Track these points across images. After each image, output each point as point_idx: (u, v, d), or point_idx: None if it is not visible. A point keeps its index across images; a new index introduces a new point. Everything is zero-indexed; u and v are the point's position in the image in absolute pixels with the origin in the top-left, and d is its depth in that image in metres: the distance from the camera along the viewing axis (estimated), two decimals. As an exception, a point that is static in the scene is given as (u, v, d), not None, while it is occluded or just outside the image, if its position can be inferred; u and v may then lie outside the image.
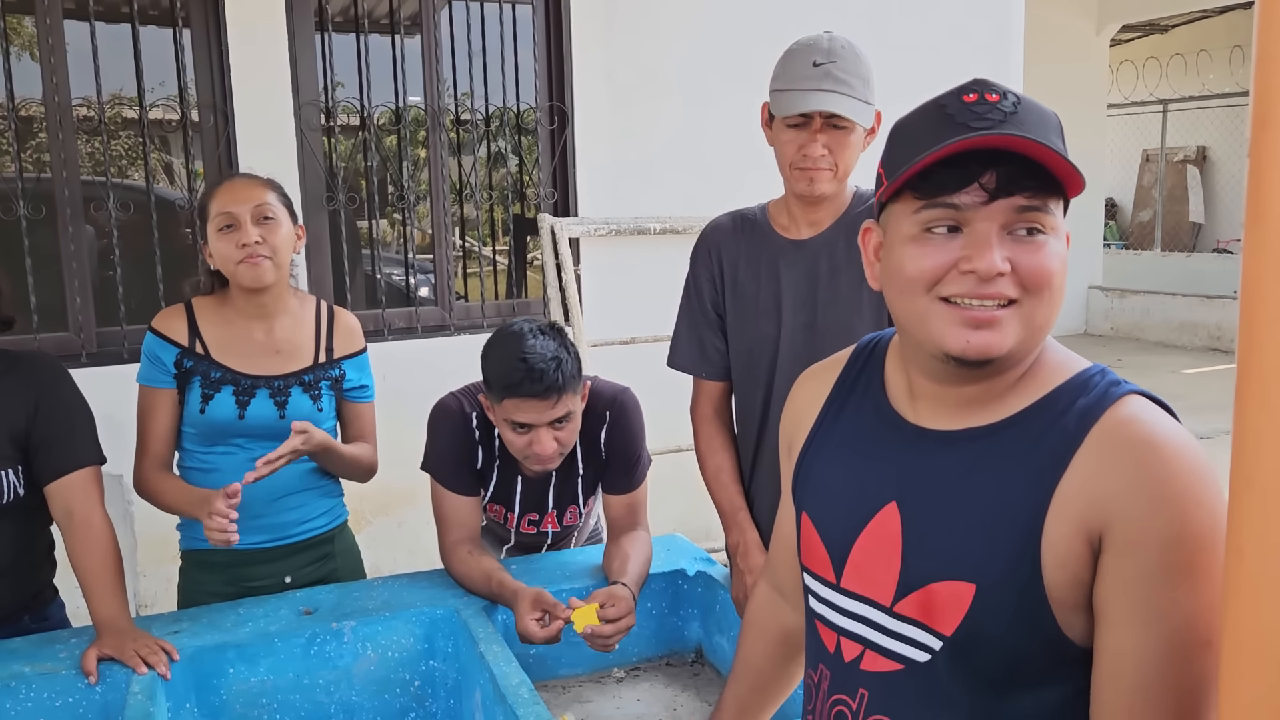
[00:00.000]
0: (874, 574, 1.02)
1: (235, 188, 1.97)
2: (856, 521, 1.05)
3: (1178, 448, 0.90)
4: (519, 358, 1.82)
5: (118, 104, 3.55)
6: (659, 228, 4.09)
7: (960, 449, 0.99)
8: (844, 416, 1.11)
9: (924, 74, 4.45)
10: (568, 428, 1.90)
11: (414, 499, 3.60)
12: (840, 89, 1.73)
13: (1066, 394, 0.95)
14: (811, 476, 1.13)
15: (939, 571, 0.97)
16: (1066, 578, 0.91)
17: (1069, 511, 0.91)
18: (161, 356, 2.00)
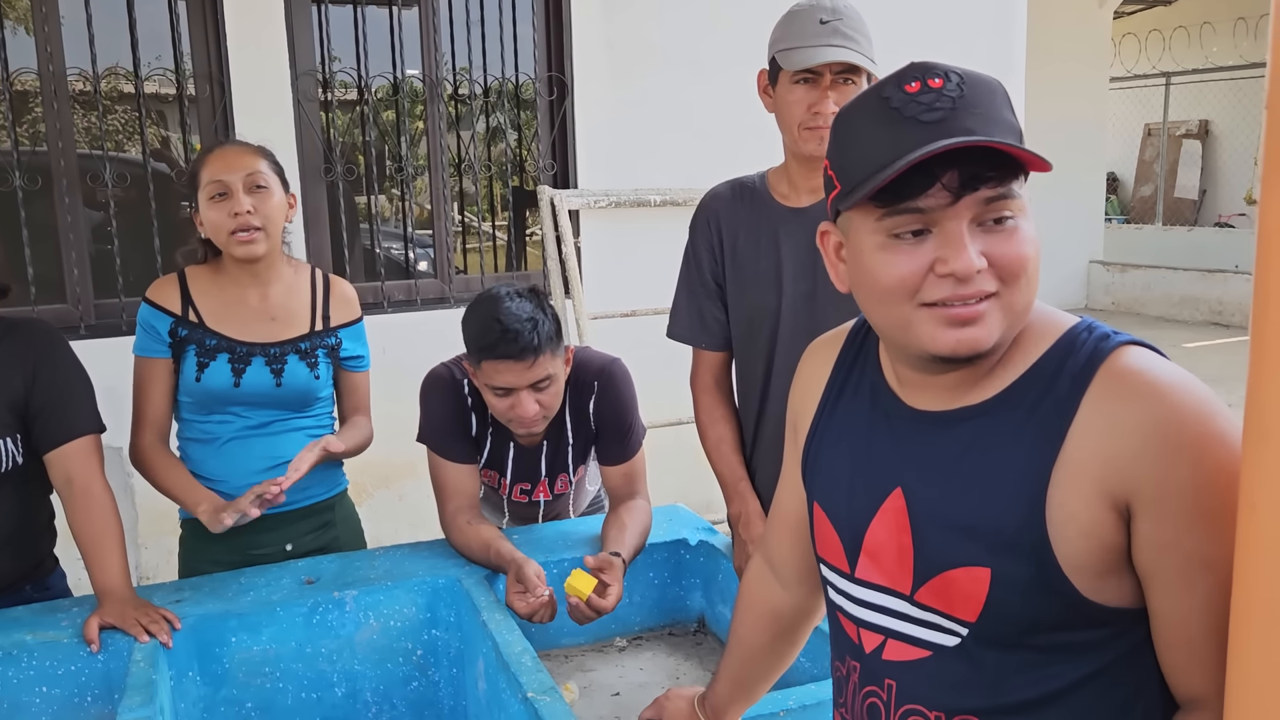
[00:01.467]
0: (888, 563, 1.01)
1: (227, 155, 1.96)
2: (866, 510, 1.03)
3: (1181, 389, 0.88)
4: (494, 318, 1.83)
5: (114, 77, 3.52)
6: (659, 199, 4.07)
7: (956, 429, 0.97)
8: (843, 401, 1.10)
9: (926, 48, 4.43)
10: (549, 390, 1.89)
11: (414, 471, 3.59)
12: (850, 45, 1.72)
13: (1054, 359, 0.93)
14: (820, 466, 1.11)
15: (952, 558, 0.95)
16: (1092, 545, 0.89)
17: (1082, 478, 0.89)
18: (156, 326, 1.99)
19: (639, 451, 2.09)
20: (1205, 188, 12.25)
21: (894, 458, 1.01)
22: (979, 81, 0.92)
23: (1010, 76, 4.77)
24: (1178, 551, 0.87)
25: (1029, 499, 0.91)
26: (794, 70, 1.74)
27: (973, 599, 0.94)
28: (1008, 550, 0.92)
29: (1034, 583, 0.91)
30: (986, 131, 0.88)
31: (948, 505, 0.96)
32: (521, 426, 1.92)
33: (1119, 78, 11.32)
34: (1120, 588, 0.91)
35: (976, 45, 4.65)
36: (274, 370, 2.02)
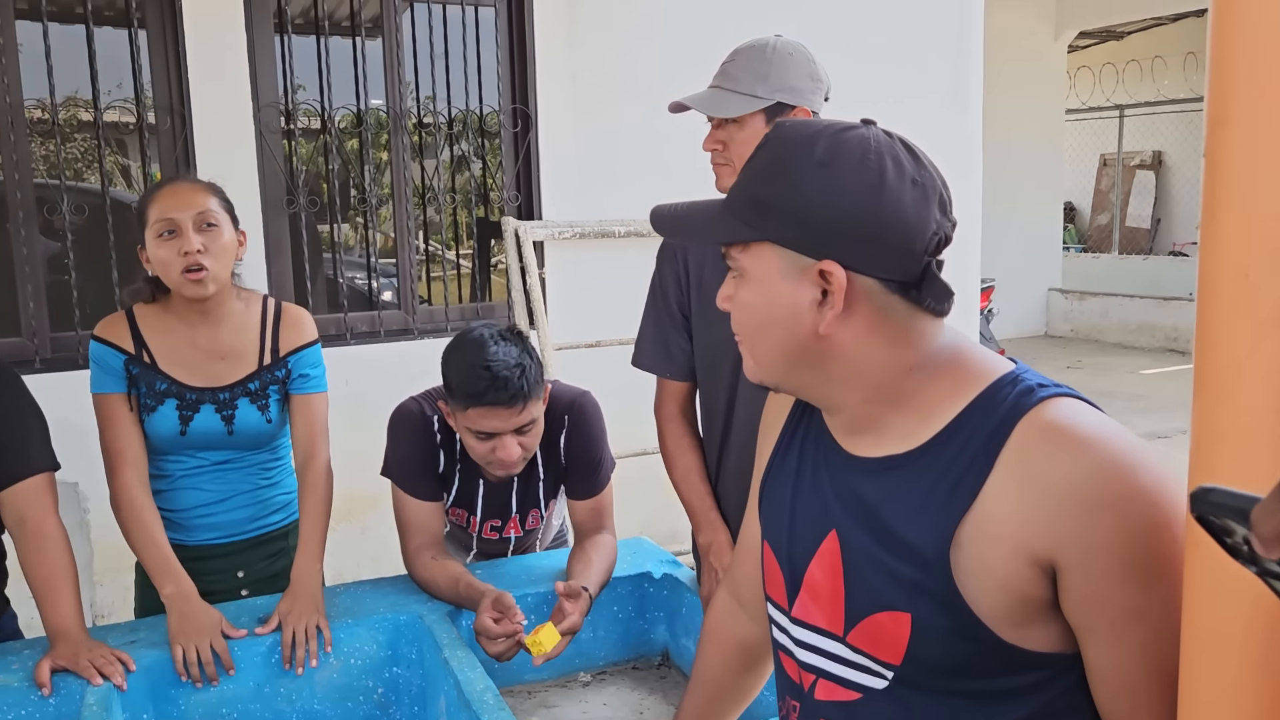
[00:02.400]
0: (824, 604, 1.02)
1: (177, 192, 1.92)
2: (805, 551, 1.04)
3: (1101, 444, 0.87)
4: (483, 365, 1.79)
5: (73, 106, 3.49)
6: (623, 230, 4.09)
7: (882, 477, 0.98)
8: (795, 441, 1.11)
9: (884, 78, 4.52)
10: (531, 433, 1.89)
11: (377, 505, 3.55)
12: (723, 83, 1.78)
13: (976, 411, 0.93)
14: (769, 503, 1.12)
15: (878, 601, 0.96)
16: (1010, 599, 0.89)
17: (999, 534, 0.89)
18: (111, 362, 1.95)
19: (608, 486, 2.08)
20: (1159, 217, 12.51)
21: (831, 501, 1.02)
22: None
23: (968, 109, 4.86)
24: (1108, 605, 0.87)
25: (937, 552, 0.91)
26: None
27: (896, 643, 0.95)
28: (924, 597, 0.93)
29: (952, 630, 0.92)
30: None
31: (873, 550, 0.97)
32: (502, 469, 1.90)
33: (1074, 110, 11.55)
34: (1047, 635, 0.91)
35: (935, 79, 4.73)
36: (224, 417, 1.99)
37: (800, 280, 0.93)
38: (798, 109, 1.77)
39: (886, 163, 0.92)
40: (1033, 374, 0.96)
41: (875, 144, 0.93)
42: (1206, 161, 0.71)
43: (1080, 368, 8.73)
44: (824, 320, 0.93)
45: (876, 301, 0.93)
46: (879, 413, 0.98)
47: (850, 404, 0.99)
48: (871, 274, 0.92)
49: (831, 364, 0.96)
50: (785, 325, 0.95)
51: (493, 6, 4.01)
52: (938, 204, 0.93)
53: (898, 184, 0.91)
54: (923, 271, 0.93)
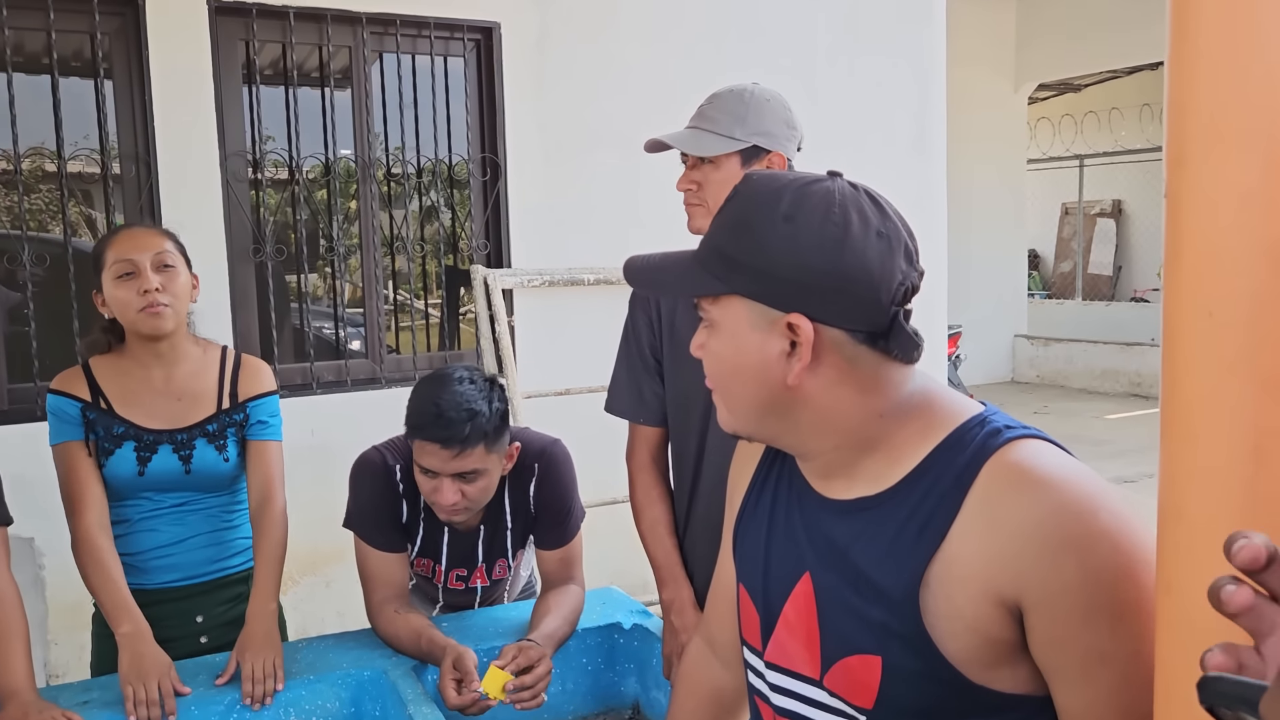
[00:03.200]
0: (796, 648, 1.01)
1: (134, 235, 1.95)
2: (779, 594, 1.04)
3: (1064, 486, 0.87)
4: (434, 400, 1.79)
5: (37, 156, 3.46)
6: (592, 278, 4.10)
7: (852, 519, 0.98)
8: (769, 483, 1.11)
9: (850, 128, 4.59)
10: (476, 484, 1.85)
11: (342, 557, 3.48)
12: (700, 124, 1.80)
13: (944, 452, 0.94)
14: (744, 546, 1.12)
15: (850, 645, 0.96)
16: (978, 640, 0.89)
17: (965, 575, 0.89)
18: (68, 410, 1.94)
19: (577, 535, 2.06)
20: (1120, 264, 12.73)
21: (804, 543, 1.02)
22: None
23: (931, 160, 4.94)
24: (1074, 647, 0.87)
25: (905, 594, 0.91)
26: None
27: (868, 687, 0.94)
28: (894, 640, 0.92)
29: (922, 672, 0.91)
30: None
31: (844, 593, 0.97)
32: (440, 513, 1.88)
33: (1035, 159, 11.78)
34: (1016, 676, 0.91)
35: (898, 131, 4.81)
36: (182, 457, 1.97)
37: (769, 332, 0.94)
38: (773, 154, 1.79)
39: (851, 216, 0.92)
40: (1001, 416, 0.96)
41: (840, 197, 0.93)
42: (1168, 202, 0.71)
43: (1047, 413, 8.80)
44: (792, 371, 0.94)
45: (845, 352, 0.94)
46: (850, 458, 0.98)
47: (822, 451, 0.99)
48: (838, 325, 0.93)
49: (802, 413, 0.97)
50: (755, 376, 0.96)
51: (461, 57, 4.04)
52: (903, 254, 0.94)
53: (862, 237, 0.92)
54: (890, 322, 0.93)
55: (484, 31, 4.02)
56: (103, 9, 3.40)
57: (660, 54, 4.27)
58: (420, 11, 3.86)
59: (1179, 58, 0.69)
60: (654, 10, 4.29)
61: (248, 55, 3.68)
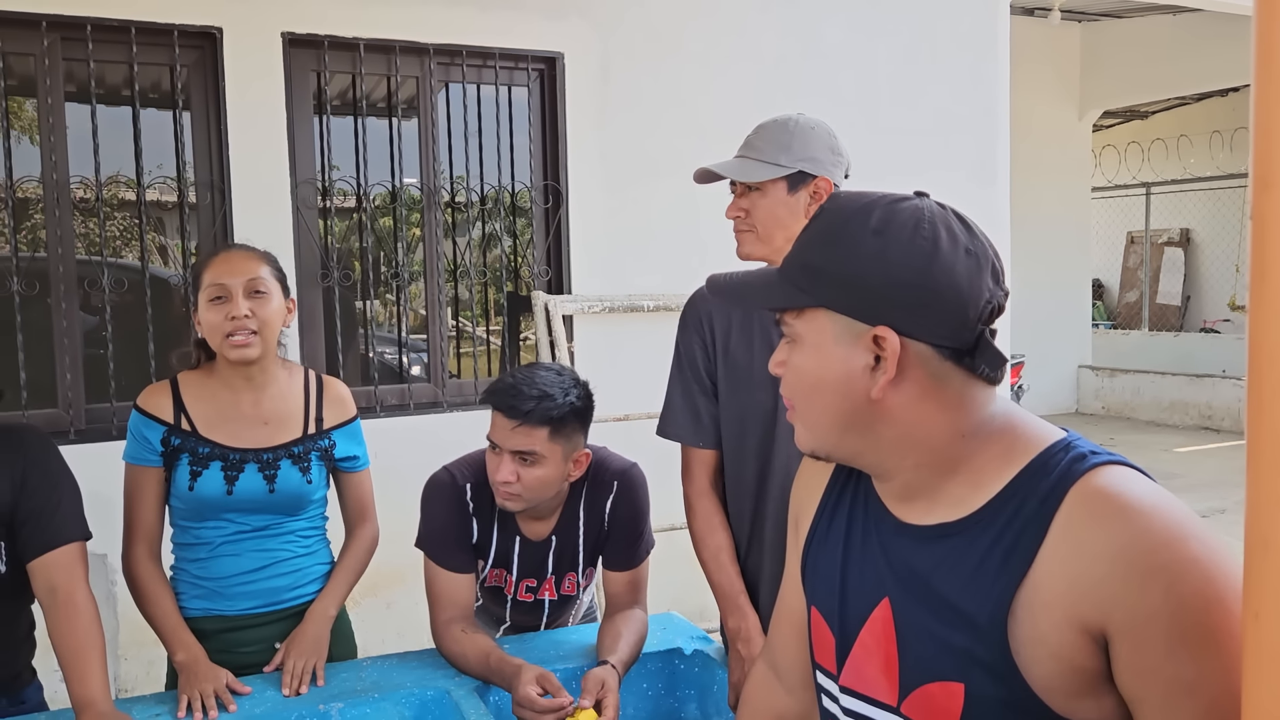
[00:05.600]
0: (873, 673, 1.00)
1: (231, 259, 1.98)
2: (856, 618, 1.03)
3: (1152, 512, 0.86)
4: (513, 374, 1.90)
5: (116, 184, 3.58)
6: (652, 305, 4.11)
7: (934, 545, 0.97)
8: (842, 505, 1.10)
9: (912, 157, 4.56)
10: (533, 471, 1.88)
11: (403, 579, 3.53)
12: (747, 153, 1.84)
13: (1029, 478, 0.93)
14: (817, 569, 1.11)
15: (931, 672, 0.95)
16: (1062, 668, 0.88)
17: (1051, 602, 0.88)
18: (147, 435, 1.98)
19: (645, 561, 2.07)
20: (1189, 294, 12.44)
21: (882, 568, 1.01)
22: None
23: (994, 189, 4.90)
24: (1159, 677, 0.85)
25: (991, 620, 0.90)
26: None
27: (949, 714, 0.93)
28: (978, 668, 0.91)
29: (1005, 701, 0.90)
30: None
31: (925, 619, 0.96)
32: (498, 494, 1.91)
33: (1100, 187, 11.59)
34: (1101, 707, 0.89)
35: (961, 160, 4.78)
36: (266, 476, 2.00)
37: (853, 345, 0.95)
38: (819, 179, 1.81)
39: (940, 232, 0.93)
40: (1085, 442, 0.95)
41: (929, 214, 0.95)
42: (1254, 225, 0.70)
43: (1113, 445, 8.58)
44: (876, 385, 0.94)
45: (930, 368, 0.94)
46: (931, 479, 0.98)
47: (902, 470, 0.99)
48: (925, 340, 0.93)
49: (884, 430, 0.97)
50: (838, 390, 0.96)
51: (525, 86, 4.10)
52: (990, 273, 0.95)
53: (951, 253, 0.93)
54: (976, 339, 0.94)
55: (548, 61, 4.09)
56: (182, 42, 3.52)
57: (722, 83, 4.30)
58: (486, 42, 3.93)
59: (1265, 79, 0.68)
60: (716, 40, 4.33)
61: (318, 86, 3.78)
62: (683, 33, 4.27)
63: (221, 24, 3.53)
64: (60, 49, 3.40)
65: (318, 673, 1.92)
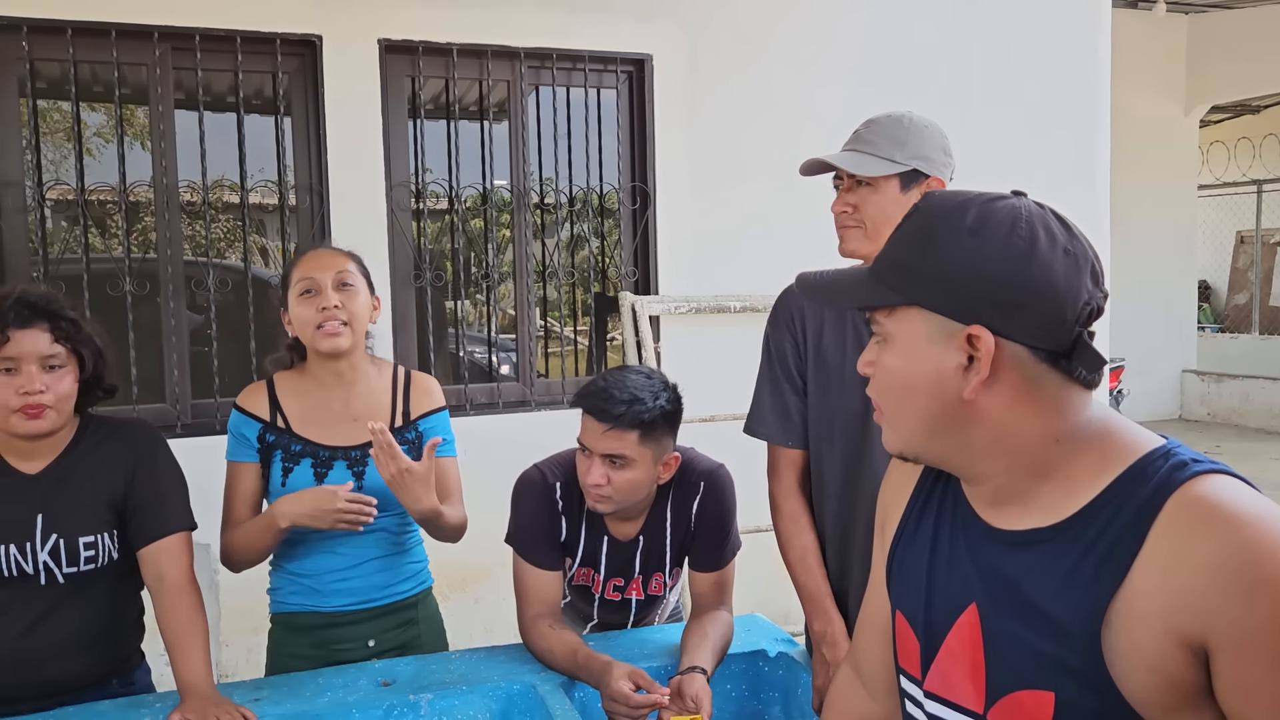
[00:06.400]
0: (959, 679, 0.99)
1: (319, 256, 2.05)
2: (943, 623, 1.02)
3: (1257, 522, 0.83)
4: (604, 378, 1.91)
5: (220, 188, 3.72)
6: (739, 305, 4.11)
7: (1025, 551, 0.95)
8: (929, 508, 1.09)
9: (1007, 156, 4.46)
10: (623, 474, 1.89)
11: (491, 575, 3.60)
12: (859, 147, 1.79)
13: (1125, 485, 0.91)
14: (902, 573, 1.10)
15: (1020, 679, 0.93)
16: (1160, 681, 0.86)
17: (1148, 613, 0.86)
18: (245, 433, 2.05)
19: (731, 563, 2.07)
20: (1295, 296, 11.88)
21: (970, 573, 1.00)
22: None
23: (1094, 188, 4.76)
24: (1264, 694, 0.82)
25: (1084, 630, 0.88)
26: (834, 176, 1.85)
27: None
28: (1069, 677, 0.89)
29: (1098, 711, 0.88)
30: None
31: (1014, 626, 0.94)
32: (588, 497, 1.93)
33: (1208, 185, 11.14)
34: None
35: (1059, 158, 4.65)
36: (355, 473, 2.06)
37: (946, 345, 0.93)
38: (932, 178, 1.77)
39: (1038, 231, 0.92)
40: (1185, 449, 0.93)
41: (1026, 213, 0.93)
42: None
43: (1219, 453, 8.26)
44: (969, 385, 0.93)
45: (1025, 370, 0.93)
46: (1022, 484, 0.96)
47: (993, 474, 0.97)
48: (1021, 341, 0.92)
49: (975, 432, 0.95)
50: (929, 390, 0.95)
51: (614, 89, 4.13)
52: (1089, 274, 0.93)
53: (1049, 252, 0.91)
54: (1074, 341, 0.92)
55: (636, 63, 4.11)
56: (284, 50, 3.64)
57: (810, 83, 4.27)
58: (576, 45, 3.98)
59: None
60: (805, 40, 4.30)
61: (413, 90, 3.87)
62: (772, 33, 4.25)
63: (321, 32, 3.64)
64: (171, 59, 3.54)
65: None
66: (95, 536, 1.82)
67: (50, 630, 1.81)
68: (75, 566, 1.80)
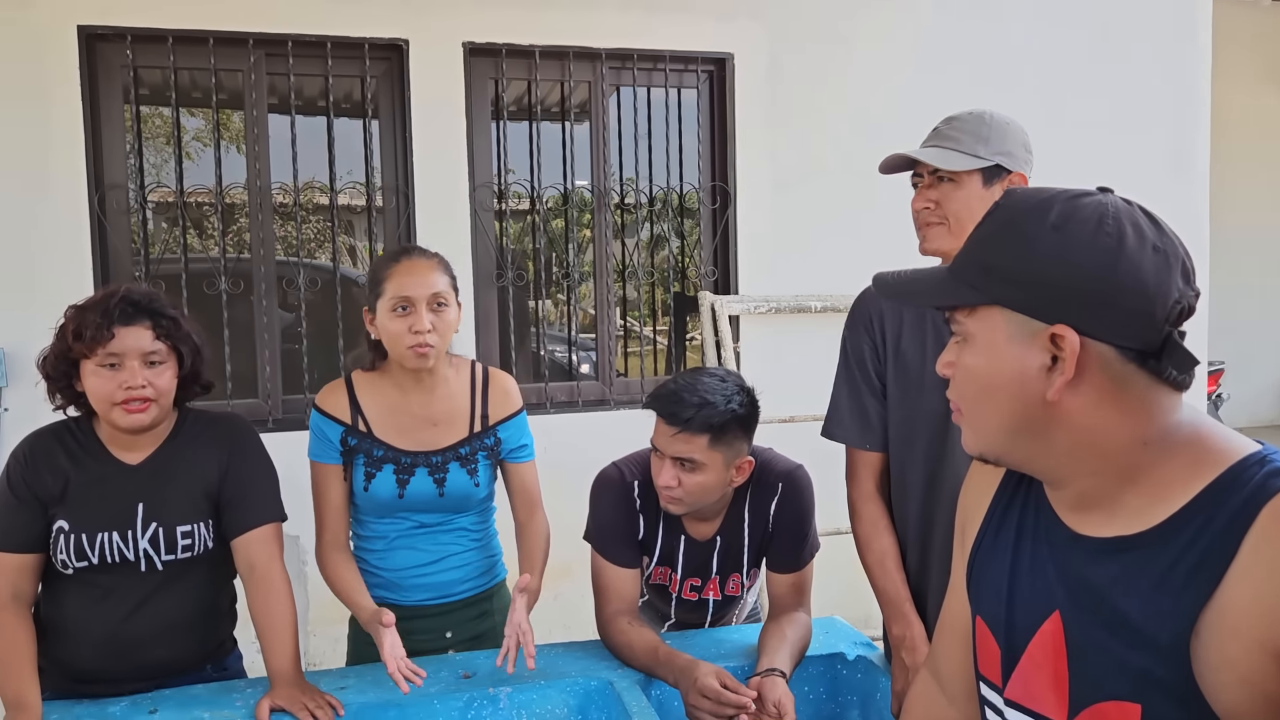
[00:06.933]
0: (1041, 688, 0.97)
1: (416, 269, 2.02)
2: (1025, 630, 1.00)
3: None
4: (676, 380, 1.92)
5: (311, 190, 3.83)
6: (819, 305, 4.07)
7: (1111, 559, 0.93)
8: (1011, 513, 1.07)
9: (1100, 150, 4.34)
10: (694, 477, 1.89)
11: (570, 572, 3.62)
12: (941, 143, 1.77)
13: (1218, 492, 0.87)
14: (983, 578, 1.08)
15: (1105, 690, 0.91)
16: (1253, 694, 0.83)
17: (1240, 624, 0.83)
18: (328, 434, 2.09)
19: (809, 564, 2.05)
20: None
21: (1053, 580, 0.98)
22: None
23: (1192, 182, 4.61)
24: None
25: (1173, 641, 0.86)
26: (912, 173, 1.82)
27: None
28: (1157, 689, 0.87)
29: None
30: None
31: (1100, 636, 0.92)
32: (661, 498, 1.94)
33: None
34: None
35: (1155, 151, 4.52)
36: (436, 480, 2.09)
37: (1029, 345, 0.92)
38: (1014, 174, 1.75)
39: (1126, 228, 0.89)
40: None
41: (1113, 209, 0.91)
42: None
43: (1326, 461, 7.91)
44: (1053, 386, 0.91)
45: (1112, 370, 0.90)
46: (1108, 489, 0.94)
47: (1077, 478, 0.95)
48: (1107, 340, 0.90)
49: (1059, 434, 0.93)
50: (1011, 391, 0.93)
51: (695, 88, 4.13)
52: (1180, 272, 0.90)
53: (1138, 250, 0.89)
54: (1163, 341, 0.89)
55: (717, 63, 4.10)
56: (372, 55, 3.72)
57: (894, 81, 4.21)
58: (657, 45, 3.99)
59: None
60: (888, 37, 4.24)
61: (496, 92, 3.92)
62: (855, 30, 4.21)
63: (408, 36, 3.72)
64: (265, 64, 3.66)
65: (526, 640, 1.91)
66: (192, 526, 1.89)
67: (150, 615, 1.88)
68: (173, 554, 1.88)
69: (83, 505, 1.84)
